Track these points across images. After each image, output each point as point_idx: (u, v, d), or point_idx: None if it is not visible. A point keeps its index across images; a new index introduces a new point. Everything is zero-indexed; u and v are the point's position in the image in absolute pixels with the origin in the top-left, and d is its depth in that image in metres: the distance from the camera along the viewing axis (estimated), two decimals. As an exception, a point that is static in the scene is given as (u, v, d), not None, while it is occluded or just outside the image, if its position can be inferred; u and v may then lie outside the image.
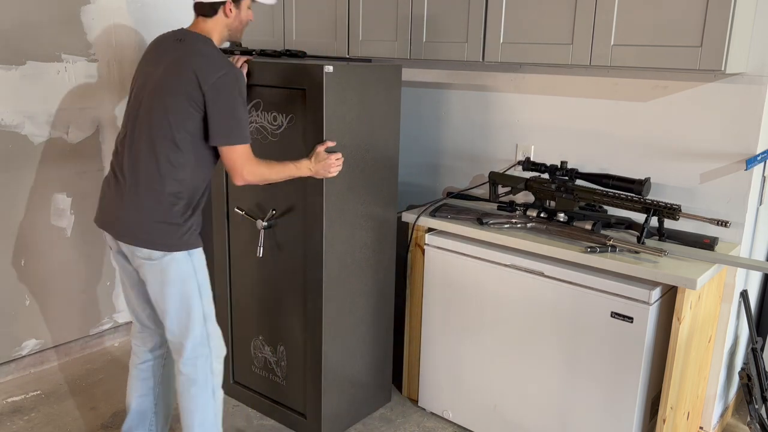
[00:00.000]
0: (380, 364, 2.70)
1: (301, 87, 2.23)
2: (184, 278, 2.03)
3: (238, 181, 2.02)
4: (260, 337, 2.64)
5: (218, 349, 2.16)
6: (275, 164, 2.10)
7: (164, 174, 1.95)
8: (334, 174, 2.22)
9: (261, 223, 2.44)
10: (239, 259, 2.62)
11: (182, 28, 2.07)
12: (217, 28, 2.03)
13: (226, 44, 3.49)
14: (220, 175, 2.61)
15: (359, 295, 2.52)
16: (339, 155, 2.22)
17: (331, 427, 2.53)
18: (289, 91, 2.29)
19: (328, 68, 2.15)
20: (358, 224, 2.43)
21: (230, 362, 2.78)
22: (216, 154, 2.04)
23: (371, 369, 2.66)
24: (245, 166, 1.99)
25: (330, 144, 2.22)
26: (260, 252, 2.46)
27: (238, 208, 2.55)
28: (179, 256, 2.01)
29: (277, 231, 2.46)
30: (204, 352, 2.11)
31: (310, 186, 2.29)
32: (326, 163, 2.18)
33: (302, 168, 2.15)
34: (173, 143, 1.94)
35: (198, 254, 2.06)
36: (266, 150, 2.41)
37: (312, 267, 2.35)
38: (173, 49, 1.99)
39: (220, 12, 2.01)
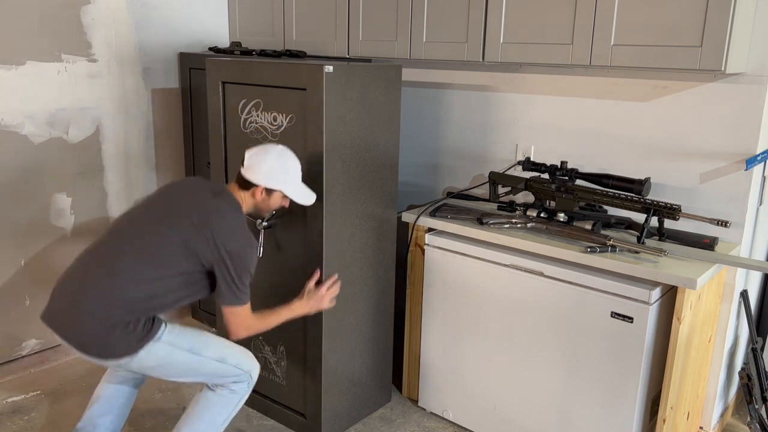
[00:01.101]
0: (380, 364, 2.70)
1: (302, 87, 2.23)
2: (169, 357, 1.96)
3: (233, 337, 2.05)
4: (260, 337, 2.64)
5: (252, 368, 2.13)
6: (270, 315, 2.14)
7: (136, 297, 1.89)
8: (329, 306, 2.28)
9: (261, 223, 2.44)
10: (239, 259, 2.62)
11: (219, 185, 2.11)
12: (246, 200, 2.08)
13: (226, 44, 3.50)
14: (221, 174, 2.61)
15: (359, 295, 2.52)
16: (330, 283, 2.28)
17: (331, 427, 2.53)
18: (289, 91, 2.29)
19: (328, 68, 2.15)
20: (358, 224, 2.43)
21: (230, 362, 2.78)
22: (199, 291, 2.03)
23: (371, 369, 2.66)
24: (242, 323, 2.03)
25: (316, 277, 2.29)
26: (260, 252, 2.46)
27: (238, 208, 2.55)
28: (146, 350, 1.91)
29: (277, 231, 2.46)
30: (237, 373, 2.09)
31: (311, 186, 2.29)
32: (317, 297, 2.24)
33: (296, 309, 2.21)
34: (166, 276, 1.91)
35: (166, 334, 1.96)
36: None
37: (312, 267, 2.35)
38: (204, 199, 1.99)
39: (252, 190, 2.06)
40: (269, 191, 2.07)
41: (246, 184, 2.05)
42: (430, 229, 2.58)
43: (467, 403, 2.58)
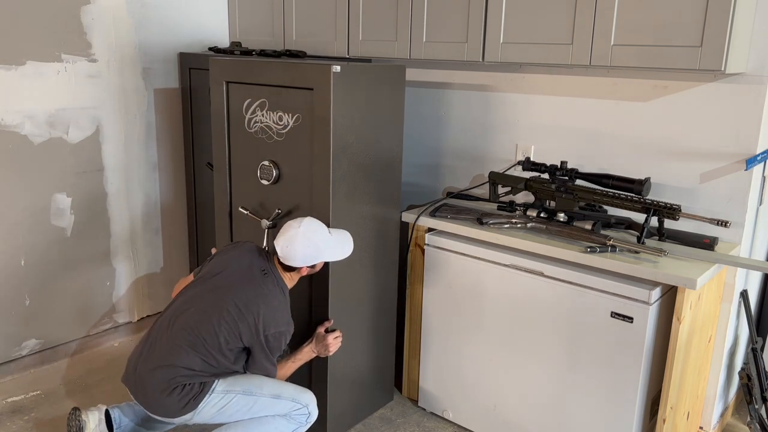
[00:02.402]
0: (382, 364, 2.70)
1: (308, 87, 2.23)
2: (226, 403, 2.10)
3: None
4: (260, 337, 2.64)
5: (309, 402, 2.23)
6: (286, 364, 2.33)
7: (187, 371, 2.06)
8: (332, 352, 2.37)
9: (266, 223, 2.44)
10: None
11: (270, 256, 2.24)
12: (293, 278, 2.25)
13: (226, 44, 3.50)
14: (224, 173, 2.61)
15: (362, 296, 2.52)
16: (336, 334, 2.38)
17: (334, 427, 2.53)
18: (295, 91, 2.29)
19: (336, 68, 2.15)
20: (362, 224, 2.43)
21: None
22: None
23: (373, 369, 2.66)
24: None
25: (328, 324, 2.38)
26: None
27: (242, 208, 2.54)
28: (204, 403, 2.07)
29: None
30: (296, 407, 2.20)
31: (316, 186, 2.29)
32: (324, 344, 2.36)
33: (305, 354, 2.37)
34: (212, 355, 2.09)
35: (220, 384, 2.10)
36: (271, 150, 2.41)
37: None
38: (252, 281, 2.15)
39: (297, 270, 2.22)
40: (311, 266, 2.22)
41: (289, 268, 2.21)
42: (430, 229, 2.58)
43: (467, 403, 2.58)
